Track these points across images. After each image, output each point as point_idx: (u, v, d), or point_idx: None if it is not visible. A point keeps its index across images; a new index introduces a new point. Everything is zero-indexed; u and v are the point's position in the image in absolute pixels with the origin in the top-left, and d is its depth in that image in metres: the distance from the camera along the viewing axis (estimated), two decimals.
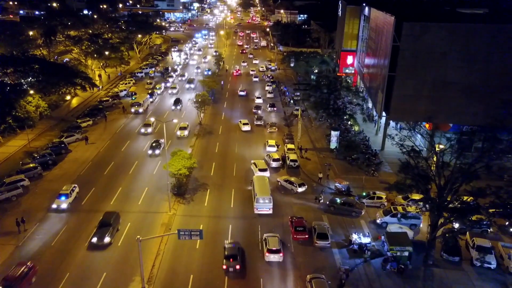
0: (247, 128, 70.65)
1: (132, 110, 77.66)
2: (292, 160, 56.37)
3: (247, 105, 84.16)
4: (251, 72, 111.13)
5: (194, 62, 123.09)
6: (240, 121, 72.64)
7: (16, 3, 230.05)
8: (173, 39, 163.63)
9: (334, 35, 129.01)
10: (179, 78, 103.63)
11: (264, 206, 44.85)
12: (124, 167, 56.02)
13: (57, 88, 71.73)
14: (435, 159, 46.67)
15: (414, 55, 54.66)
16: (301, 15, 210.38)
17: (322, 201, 47.32)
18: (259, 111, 79.76)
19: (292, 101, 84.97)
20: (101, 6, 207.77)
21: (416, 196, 46.30)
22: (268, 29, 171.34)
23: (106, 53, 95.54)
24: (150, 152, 58.89)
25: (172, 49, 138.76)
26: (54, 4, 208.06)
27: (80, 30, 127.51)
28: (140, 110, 77.69)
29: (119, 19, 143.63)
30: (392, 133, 48.83)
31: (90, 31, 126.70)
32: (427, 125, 60.50)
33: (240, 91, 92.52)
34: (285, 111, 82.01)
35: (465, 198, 42.53)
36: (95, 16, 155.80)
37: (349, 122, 66.15)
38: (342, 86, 67.36)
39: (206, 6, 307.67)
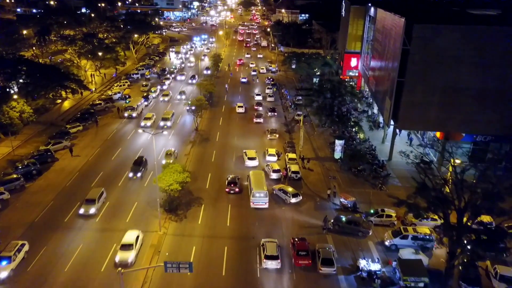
0: (241, 110, 79.09)
1: (125, 114, 73.81)
2: (293, 172, 52.56)
3: (247, 103, 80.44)
4: (251, 65, 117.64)
5: (182, 77, 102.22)
6: (236, 104, 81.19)
7: (13, 0, 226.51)
8: (172, 39, 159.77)
9: (336, 35, 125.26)
10: (161, 99, 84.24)
11: (260, 200, 45.81)
12: (113, 178, 52.20)
13: (46, 92, 67.91)
14: (449, 175, 43.04)
15: (424, 59, 50.80)
16: (302, 15, 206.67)
17: (331, 228, 42.59)
18: (260, 108, 78.90)
19: (293, 106, 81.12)
20: (99, 5, 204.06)
21: (429, 215, 42.56)
22: (268, 29, 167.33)
23: (100, 54, 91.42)
24: None
25: (170, 49, 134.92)
26: (52, 2, 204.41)
27: (75, 29, 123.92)
28: (134, 114, 73.84)
29: (116, 18, 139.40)
30: (406, 149, 44.79)
31: (86, 30, 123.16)
32: (438, 134, 56.87)
33: (242, 78, 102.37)
34: (286, 115, 78.19)
35: (485, 219, 38.92)
36: (92, 15, 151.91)
37: (353, 129, 62.21)
38: (346, 91, 63.43)
39: (206, 5, 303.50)
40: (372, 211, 44.48)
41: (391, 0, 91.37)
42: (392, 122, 56.58)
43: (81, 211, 43.63)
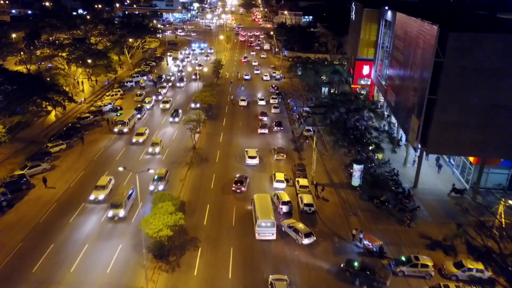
0: (243, 103, 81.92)
1: (116, 130, 66.27)
2: (307, 205, 44.87)
3: (250, 115, 72.95)
4: (254, 64, 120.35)
5: (167, 106, 77.96)
6: (240, 98, 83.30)
7: (7, 2, 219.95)
8: (170, 42, 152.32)
9: (343, 39, 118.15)
10: (134, 140, 61.68)
11: (266, 230, 40.28)
12: (95, 212, 44.67)
13: (25, 106, 60.41)
14: (501, 217, 35.67)
15: (461, 73, 43.25)
16: (306, 17, 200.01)
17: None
18: (265, 118, 73.17)
19: (301, 119, 73.48)
20: (96, 6, 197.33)
21: (473, 265, 35.18)
22: (272, 32, 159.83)
23: (89, 61, 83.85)
24: None
25: (168, 54, 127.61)
26: (47, 4, 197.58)
27: (69, 32, 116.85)
28: (125, 130, 66.24)
29: (112, 21, 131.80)
30: (450, 194, 37.03)
31: (80, 32, 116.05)
32: (471, 159, 49.36)
33: (245, 75, 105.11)
34: (294, 130, 70.65)
35: None
36: (88, 17, 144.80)
37: (370, 148, 54.15)
38: (365, 106, 55.72)
39: (206, 6, 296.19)
40: (403, 258, 36.88)
41: (408, 3, 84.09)
42: (419, 145, 48.92)
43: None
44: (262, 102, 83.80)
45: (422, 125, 46.33)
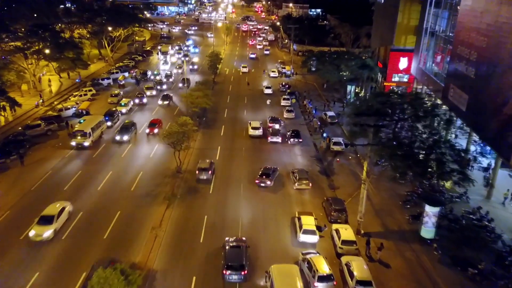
0: (245, 70, 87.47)
1: (73, 143, 48.06)
2: (361, 282, 26.42)
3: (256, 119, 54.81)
4: (258, 47, 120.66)
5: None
6: (241, 65, 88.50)
7: None
8: (163, 35, 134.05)
9: (361, 31, 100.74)
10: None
11: None
12: (14, 281, 26.58)
13: None
14: None
15: None
16: (313, 10, 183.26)
17: None
18: (276, 126, 55.48)
19: (322, 127, 55.32)
20: None
21: None
22: (278, 23, 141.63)
23: (47, 51, 65.52)
24: None
25: (158, 47, 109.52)
26: None
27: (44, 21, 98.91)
28: (86, 143, 47.97)
29: (97, 10, 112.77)
30: None
31: (62, 25, 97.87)
32: None
33: (251, 54, 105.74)
34: (316, 144, 52.42)
35: None
36: (72, 8, 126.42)
37: (452, 178, 34.67)
38: (432, 114, 37.08)
39: (205, 0, 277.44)
40: None
41: None
42: None
43: None
44: (269, 91, 73.75)
45: None
